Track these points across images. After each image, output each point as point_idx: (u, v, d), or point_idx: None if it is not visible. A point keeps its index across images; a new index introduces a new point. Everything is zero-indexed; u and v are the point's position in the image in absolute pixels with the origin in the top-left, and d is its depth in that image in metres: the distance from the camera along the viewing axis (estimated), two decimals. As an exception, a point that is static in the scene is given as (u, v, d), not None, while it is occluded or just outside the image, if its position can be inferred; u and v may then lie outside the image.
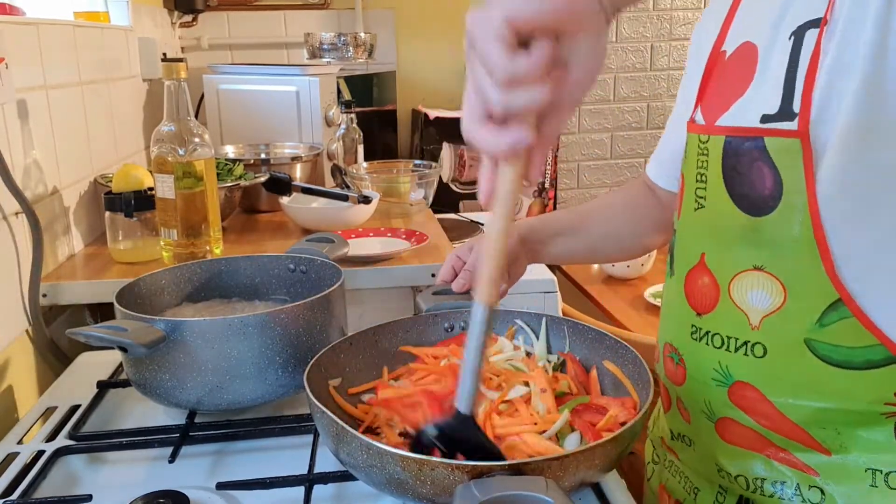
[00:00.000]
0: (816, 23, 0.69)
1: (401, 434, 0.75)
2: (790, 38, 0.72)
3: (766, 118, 0.72)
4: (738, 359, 0.76)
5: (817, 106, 0.68)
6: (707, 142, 0.77)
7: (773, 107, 0.72)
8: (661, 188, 1.03)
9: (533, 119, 0.54)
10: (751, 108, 0.75)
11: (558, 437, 0.73)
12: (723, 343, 0.78)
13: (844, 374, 0.72)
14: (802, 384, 0.74)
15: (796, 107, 0.70)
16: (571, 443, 0.73)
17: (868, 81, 0.66)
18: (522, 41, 0.51)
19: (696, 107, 0.84)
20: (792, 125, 0.70)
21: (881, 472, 0.73)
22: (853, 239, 0.70)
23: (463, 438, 0.63)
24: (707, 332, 0.79)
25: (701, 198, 0.78)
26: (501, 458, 0.64)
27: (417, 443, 0.64)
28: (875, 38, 0.65)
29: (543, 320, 0.91)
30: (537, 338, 0.90)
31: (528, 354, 0.88)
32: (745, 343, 0.76)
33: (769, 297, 0.73)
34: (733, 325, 0.76)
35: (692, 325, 0.81)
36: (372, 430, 0.77)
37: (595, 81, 0.56)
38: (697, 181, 0.78)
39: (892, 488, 0.73)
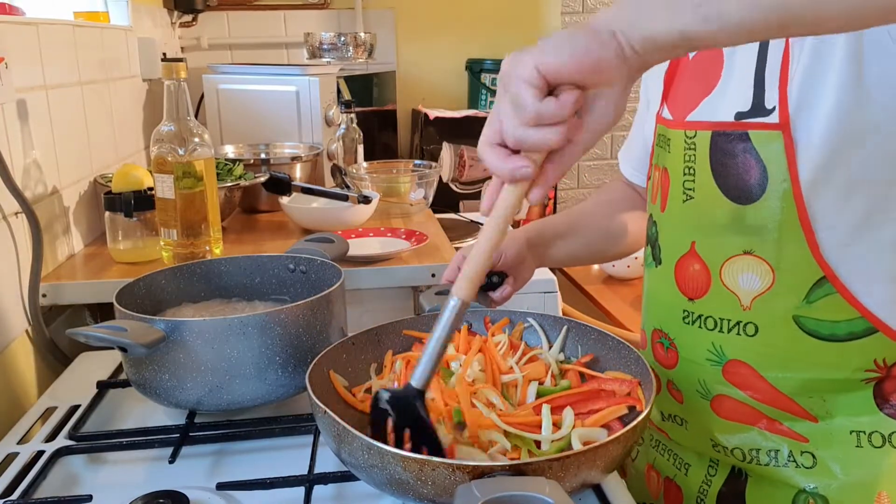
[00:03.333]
0: None
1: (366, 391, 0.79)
2: None
3: (740, 115, 0.78)
4: (731, 339, 0.82)
5: (795, 100, 0.74)
6: (694, 137, 0.82)
7: (745, 104, 0.78)
8: (639, 186, 1.09)
9: (539, 155, 0.60)
10: (721, 105, 0.81)
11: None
12: (716, 325, 0.83)
13: (830, 347, 0.78)
14: (792, 358, 0.80)
15: (769, 103, 0.76)
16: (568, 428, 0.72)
17: (847, 77, 0.71)
18: (552, 88, 0.57)
19: (662, 104, 0.90)
20: (772, 118, 0.75)
21: (864, 433, 0.81)
22: (834, 220, 0.76)
23: (410, 410, 0.68)
24: (700, 316, 0.85)
25: (689, 190, 0.83)
26: (436, 439, 0.68)
27: (374, 402, 0.70)
28: (851, 43, 0.70)
29: (564, 325, 0.90)
30: (546, 335, 0.90)
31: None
32: (738, 323, 0.82)
33: (759, 279, 0.79)
34: (726, 308, 0.82)
35: (684, 311, 0.86)
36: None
37: (608, 131, 0.61)
38: (685, 174, 0.83)
39: (875, 447, 0.80)
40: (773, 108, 0.75)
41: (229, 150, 1.87)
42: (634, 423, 0.66)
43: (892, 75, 0.71)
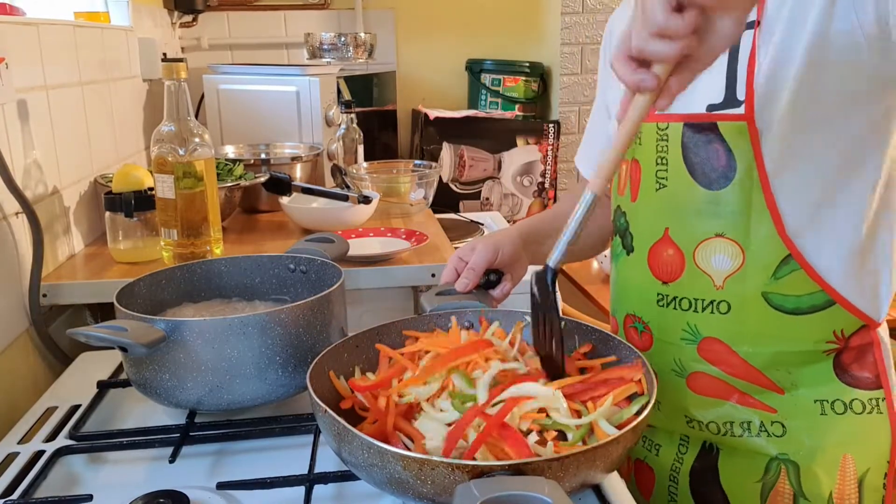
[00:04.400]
0: (750, 24, 0.81)
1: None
2: None
3: (712, 107, 0.85)
4: (705, 317, 0.88)
5: (761, 94, 0.81)
6: (666, 129, 0.87)
7: (717, 97, 0.84)
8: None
9: (663, 69, 0.65)
10: (693, 98, 0.86)
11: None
12: (691, 305, 0.89)
13: (795, 320, 0.86)
14: (761, 333, 0.87)
15: (740, 95, 0.82)
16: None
17: (806, 72, 0.78)
18: (679, 7, 0.61)
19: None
20: (739, 111, 0.82)
21: (827, 401, 0.88)
22: (796, 202, 0.83)
23: (544, 287, 0.78)
24: (675, 298, 0.90)
25: (662, 178, 0.89)
26: (558, 314, 0.77)
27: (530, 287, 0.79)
28: (813, 40, 0.77)
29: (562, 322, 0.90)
30: None
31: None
32: (712, 302, 0.87)
33: (730, 260, 0.86)
34: (699, 288, 0.88)
35: (658, 294, 0.91)
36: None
37: (724, 51, 0.67)
38: (658, 164, 0.89)
39: (837, 414, 0.88)
40: (743, 101, 0.82)
41: (229, 151, 1.87)
42: (635, 423, 0.66)
43: (850, 73, 0.78)
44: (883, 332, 0.90)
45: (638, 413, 0.71)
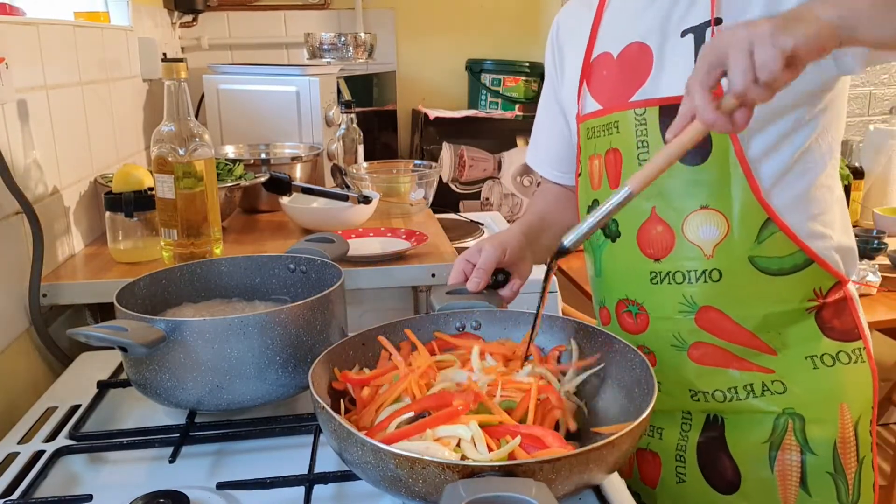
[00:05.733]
0: (709, 23, 0.89)
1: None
2: (683, 36, 0.92)
3: None
4: (699, 287, 0.93)
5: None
6: (644, 113, 0.93)
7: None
8: (565, 184, 1.18)
9: (735, 106, 0.70)
10: (663, 87, 0.93)
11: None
12: (684, 278, 0.94)
13: (780, 281, 0.92)
14: (751, 296, 0.92)
15: None
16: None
17: None
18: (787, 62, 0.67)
19: (578, 105, 1.02)
20: None
21: (816, 356, 0.95)
22: (770, 168, 0.90)
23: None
24: (668, 273, 0.94)
25: (644, 160, 0.93)
26: (542, 295, 0.83)
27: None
28: None
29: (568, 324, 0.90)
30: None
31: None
32: (704, 272, 0.92)
33: (716, 229, 0.91)
34: (691, 260, 0.93)
35: (651, 272, 0.95)
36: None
37: None
38: (639, 148, 0.94)
39: (828, 367, 0.95)
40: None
41: (229, 151, 1.87)
42: (631, 426, 0.65)
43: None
44: (852, 287, 0.98)
45: (637, 415, 0.71)
